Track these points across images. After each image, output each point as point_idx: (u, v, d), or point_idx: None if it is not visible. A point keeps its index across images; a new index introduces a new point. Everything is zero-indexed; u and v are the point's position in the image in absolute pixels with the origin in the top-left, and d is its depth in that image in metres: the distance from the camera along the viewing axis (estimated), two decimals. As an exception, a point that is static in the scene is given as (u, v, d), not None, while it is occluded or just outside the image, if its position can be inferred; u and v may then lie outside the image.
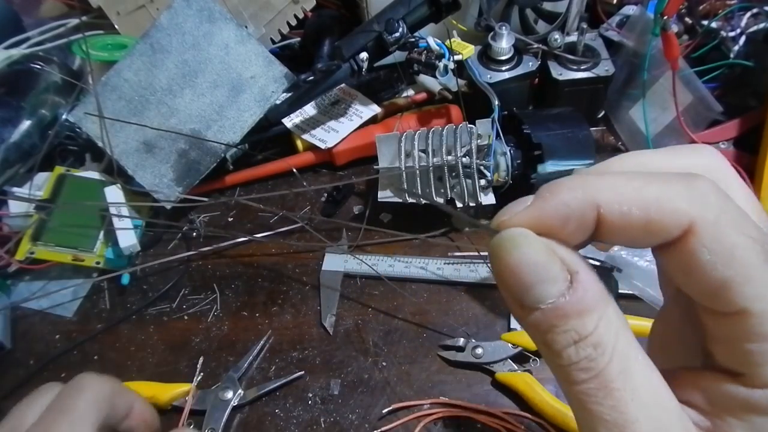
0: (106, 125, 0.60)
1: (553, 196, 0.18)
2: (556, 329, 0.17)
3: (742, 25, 0.64)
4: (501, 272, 0.18)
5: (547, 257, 0.18)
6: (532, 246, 0.18)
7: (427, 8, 0.60)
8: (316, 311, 0.57)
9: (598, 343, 0.17)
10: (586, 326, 0.17)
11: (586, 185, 0.18)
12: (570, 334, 0.17)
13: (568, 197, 0.18)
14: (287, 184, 0.69)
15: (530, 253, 0.18)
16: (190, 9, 0.61)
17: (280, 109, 0.64)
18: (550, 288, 0.17)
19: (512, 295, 0.18)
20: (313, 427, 0.50)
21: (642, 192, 0.18)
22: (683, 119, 0.59)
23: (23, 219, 0.61)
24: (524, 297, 0.18)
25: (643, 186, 0.18)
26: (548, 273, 0.17)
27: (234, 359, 0.54)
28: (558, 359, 0.18)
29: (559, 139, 0.56)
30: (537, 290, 0.17)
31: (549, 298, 0.17)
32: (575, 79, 0.63)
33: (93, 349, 0.56)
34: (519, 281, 0.18)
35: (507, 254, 0.18)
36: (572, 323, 0.17)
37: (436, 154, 0.57)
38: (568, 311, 0.17)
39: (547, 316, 0.17)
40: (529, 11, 0.68)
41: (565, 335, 0.17)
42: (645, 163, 0.21)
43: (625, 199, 0.18)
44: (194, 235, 0.64)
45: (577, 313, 0.17)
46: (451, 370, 0.52)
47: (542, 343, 0.18)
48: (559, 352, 0.17)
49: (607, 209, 0.18)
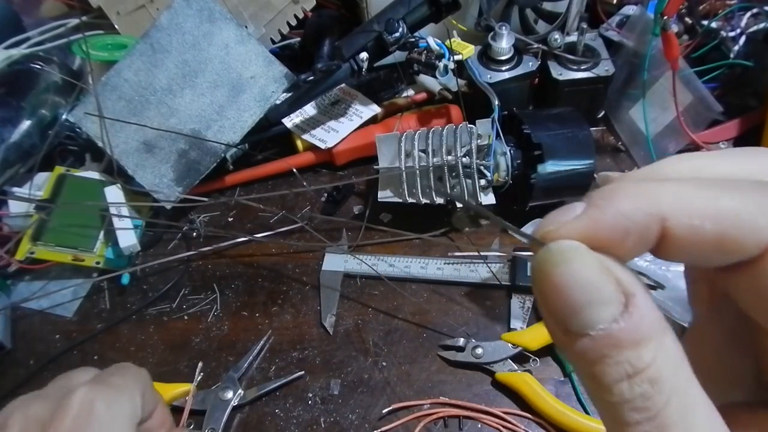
0: (106, 125, 0.60)
1: (609, 205, 0.16)
2: (607, 360, 0.15)
3: (742, 25, 0.64)
4: (545, 291, 0.16)
5: (600, 276, 0.15)
6: (585, 262, 0.16)
7: (427, 8, 0.60)
8: (316, 311, 0.57)
9: (655, 379, 0.15)
10: (643, 358, 0.15)
11: (649, 193, 0.16)
12: (623, 367, 0.15)
13: (628, 207, 0.16)
14: (287, 184, 0.69)
15: (582, 269, 0.15)
16: (190, 9, 0.61)
17: (280, 109, 0.64)
18: (602, 311, 0.15)
19: (557, 317, 0.16)
20: (313, 427, 0.50)
21: (717, 203, 0.15)
22: (683, 119, 0.59)
23: (23, 219, 0.61)
24: (571, 321, 0.15)
25: (717, 196, 0.15)
26: (601, 294, 0.15)
27: (234, 359, 0.54)
28: (607, 395, 0.15)
29: (559, 139, 0.56)
30: (587, 313, 0.15)
31: (600, 323, 0.15)
32: (575, 79, 0.63)
33: (93, 349, 0.56)
34: (566, 302, 0.15)
35: (554, 270, 0.16)
36: (626, 354, 0.15)
37: (436, 154, 0.57)
38: (622, 339, 0.15)
39: (597, 344, 0.15)
40: (529, 11, 0.68)
41: (618, 368, 0.15)
42: (702, 168, 0.18)
43: (696, 211, 0.15)
44: (194, 235, 0.64)
45: (632, 343, 0.15)
46: (451, 370, 0.52)
47: (589, 375, 0.16)
48: (609, 387, 0.15)
49: (675, 222, 0.15)
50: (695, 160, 0.18)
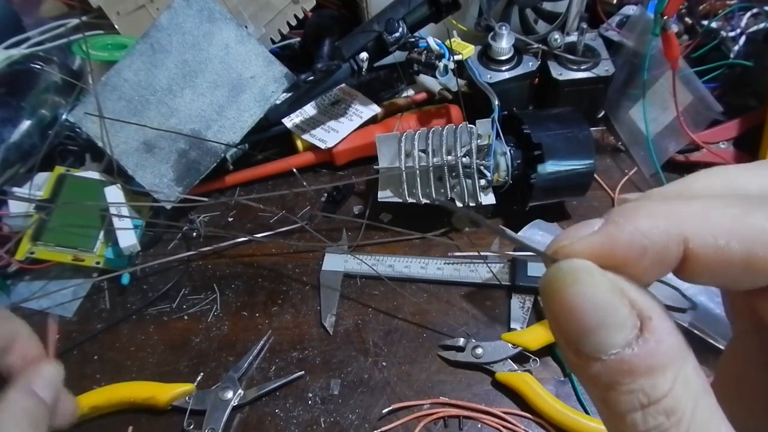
0: (106, 125, 0.60)
1: (627, 223, 0.15)
2: (620, 387, 0.14)
3: (742, 25, 0.64)
4: (556, 310, 0.15)
5: (613, 298, 0.15)
6: (597, 283, 0.15)
7: (427, 8, 0.60)
8: (316, 311, 0.57)
9: (672, 410, 0.14)
10: (658, 387, 0.14)
11: (671, 213, 0.15)
12: (636, 396, 0.14)
13: (647, 226, 0.15)
14: (287, 184, 0.69)
15: (593, 291, 0.15)
16: (190, 9, 0.61)
17: (280, 109, 0.64)
18: (614, 336, 0.14)
19: (567, 338, 0.15)
20: (313, 427, 0.50)
21: (744, 221, 0.14)
22: (683, 119, 0.59)
23: (23, 219, 0.61)
24: (582, 343, 0.15)
25: (744, 214, 0.15)
26: (614, 317, 0.14)
27: (234, 359, 0.54)
28: (620, 424, 0.14)
29: (559, 139, 0.56)
30: (598, 337, 0.14)
31: (613, 348, 0.14)
32: (575, 79, 0.63)
33: (93, 349, 0.56)
34: (577, 323, 0.15)
35: (564, 290, 0.15)
36: (640, 382, 0.14)
37: (436, 154, 0.57)
38: (636, 367, 0.14)
39: (610, 370, 0.14)
40: (529, 11, 0.68)
41: (631, 397, 0.14)
42: (734, 183, 0.17)
43: (722, 230, 0.15)
44: (194, 235, 0.64)
45: (647, 370, 0.14)
46: (451, 370, 0.52)
47: (601, 401, 0.15)
48: (621, 416, 0.14)
49: (699, 243, 0.15)
50: (727, 174, 0.17)
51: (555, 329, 0.15)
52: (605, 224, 0.15)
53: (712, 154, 0.62)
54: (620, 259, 0.15)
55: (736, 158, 0.61)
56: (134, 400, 0.50)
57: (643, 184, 0.64)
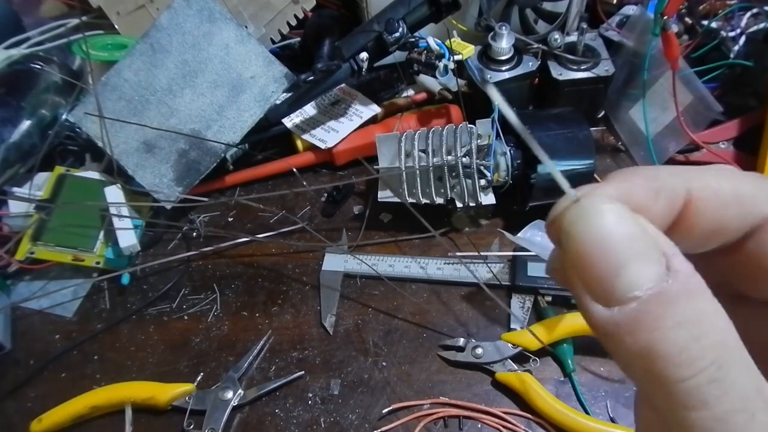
0: (106, 125, 0.60)
1: (637, 171, 0.16)
2: (667, 322, 0.13)
3: (742, 25, 0.64)
4: (580, 251, 0.14)
5: (638, 228, 0.14)
6: (624, 215, 0.14)
7: (427, 8, 0.60)
8: (316, 311, 0.57)
9: (724, 342, 0.13)
10: (705, 315, 0.13)
11: (673, 168, 0.16)
12: (687, 328, 0.13)
13: (656, 172, 0.16)
14: (287, 184, 0.69)
15: (618, 221, 0.14)
16: (190, 9, 0.61)
17: (280, 109, 0.64)
18: (648, 267, 0.13)
19: (595, 281, 0.14)
20: (313, 427, 0.50)
21: (732, 173, 0.16)
22: (683, 119, 0.59)
23: (23, 219, 0.61)
24: (613, 282, 0.13)
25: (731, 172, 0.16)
26: (642, 248, 0.13)
27: (234, 359, 0.54)
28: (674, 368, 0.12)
29: (559, 139, 0.56)
30: (630, 271, 0.13)
31: (648, 282, 0.13)
32: (575, 79, 0.63)
33: (93, 349, 0.56)
34: (605, 259, 0.13)
35: (588, 225, 0.14)
36: (686, 312, 0.13)
37: (436, 154, 0.57)
38: (676, 296, 0.13)
39: (650, 306, 0.13)
40: (529, 11, 0.68)
41: (682, 330, 0.13)
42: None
43: (714, 176, 0.16)
44: (194, 235, 0.64)
45: (688, 299, 0.13)
46: (451, 370, 0.52)
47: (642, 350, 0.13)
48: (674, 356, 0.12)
49: (698, 185, 0.16)
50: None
51: (579, 275, 0.14)
52: (619, 173, 0.16)
53: (712, 154, 0.62)
54: (637, 200, 0.15)
55: (736, 158, 0.61)
56: (134, 400, 0.50)
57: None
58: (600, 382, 0.50)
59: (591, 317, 0.14)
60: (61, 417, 0.49)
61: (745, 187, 0.16)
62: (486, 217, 0.63)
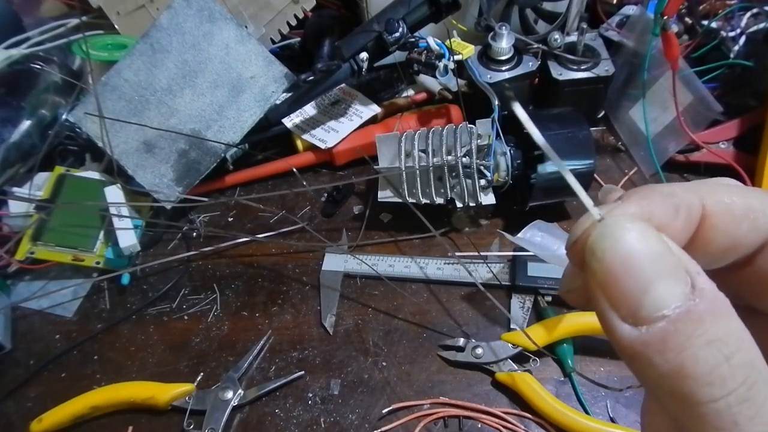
0: (106, 125, 0.60)
1: (652, 189, 0.16)
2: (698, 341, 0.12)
3: (742, 25, 0.64)
4: (606, 270, 0.14)
5: (664, 247, 0.14)
6: (646, 233, 0.14)
7: (427, 8, 0.60)
8: (316, 311, 0.57)
9: (752, 362, 0.13)
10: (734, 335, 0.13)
11: (686, 185, 0.17)
12: (718, 347, 0.12)
13: (671, 189, 0.16)
14: (287, 184, 0.69)
15: (644, 241, 0.14)
16: (190, 9, 0.61)
17: (280, 109, 0.64)
18: (675, 287, 0.13)
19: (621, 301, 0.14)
20: (313, 427, 0.50)
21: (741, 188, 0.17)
22: (683, 119, 0.59)
23: (23, 219, 0.61)
24: (641, 301, 0.13)
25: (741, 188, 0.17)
26: (669, 267, 0.13)
27: (234, 359, 0.54)
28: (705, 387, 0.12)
29: (559, 139, 0.56)
30: (657, 290, 0.13)
31: (675, 301, 0.13)
32: (575, 79, 0.63)
33: (93, 349, 0.56)
34: (631, 279, 0.13)
35: (613, 245, 0.14)
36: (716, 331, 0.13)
37: (436, 154, 0.57)
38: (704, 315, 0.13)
39: (679, 325, 0.13)
40: (529, 11, 0.68)
41: (712, 349, 0.12)
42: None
43: (726, 192, 0.16)
44: (194, 235, 0.64)
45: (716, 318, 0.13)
46: (451, 370, 0.52)
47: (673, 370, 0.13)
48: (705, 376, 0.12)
49: (712, 200, 0.16)
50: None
51: (605, 294, 0.14)
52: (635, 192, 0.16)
53: (712, 154, 0.62)
54: (659, 219, 0.15)
55: (736, 158, 0.61)
56: (134, 400, 0.50)
57: (643, 184, 0.64)
58: (600, 382, 0.50)
59: (618, 337, 0.14)
60: (61, 417, 0.49)
61: (755, 202, 0.16)
62: (486, 217, 0.63)
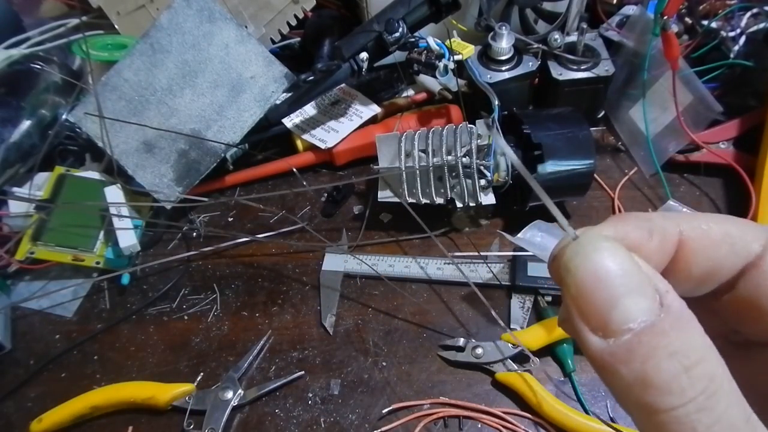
0: (106, 125, 0.60)
1: (629, 215, 0.17)
2: (660, 353, 0.13)
3: (742, 25, 0.64)
4: (578, 285, 0.15)
5: (633, 264, 0.15)
6: (619, 252, 0.15)
7: (427, 8, 0.60)
8: (316, 311, 0.57)
9: (712, 374, 0.13)
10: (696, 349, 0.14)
11: (664, 214, 0.18)
12: (679, 359, 0.13)
13: (649, 215, 0.17)
14: (287, 184, 0.69)
15: (613, 257, 0.15)
16: (190, 9, 0.61)
17: (280, 109, 0.64)
18: (642, 302, 0.14)
19: (592, 314, 0.14)
20: (313, 427, 0.50)
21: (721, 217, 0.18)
22: (683, 119, 0.59)
23: (23, 219, 0.61)
24: (609, 315, 0.14)
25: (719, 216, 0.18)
26: (640, 283, 0.14)
27: (234, 359, 0.54)
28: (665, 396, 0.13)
29: (559, 139, 0.55)
30: (625, 304, 0.14)
31: (642, 315, 0.14)
32: (575, 79, 0.63)
33: (93, 349, 0.56)
34: (601, 294, 0.14)
35: (591, 258, 0.15)
36: (679, 344, 0.13)
37: (436, 154, 0.57)
38: (668, 328, 0.14)
39: (643, 338, 0.14)
40: (529, 11, 0.68)
41: (673, 361, 0.13)
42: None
43: (704, 219, 0.17)
44: (194, 235, 0.64)
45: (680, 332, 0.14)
46: (451, 370, 0.52)
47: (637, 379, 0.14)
48: (666, 385, 0.13)
49: (688, 227, 0.17)
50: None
51: (577, 307, 0.15)
52: (613, 217, 0.17)
53: (712, 154, 0.62)
54: (632, 240, 0.16)
55: (736, 158, 0.61)
56: (134, 400, 0.50)
57: (643, 184, 0.64)
58: (600, 382, 0.50)
59: (588, 348, 0.15)
60: (61, 417, 0.49)
61: (733, 228, 0.17)
62: (486, 217, 0.63)
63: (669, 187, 0.62)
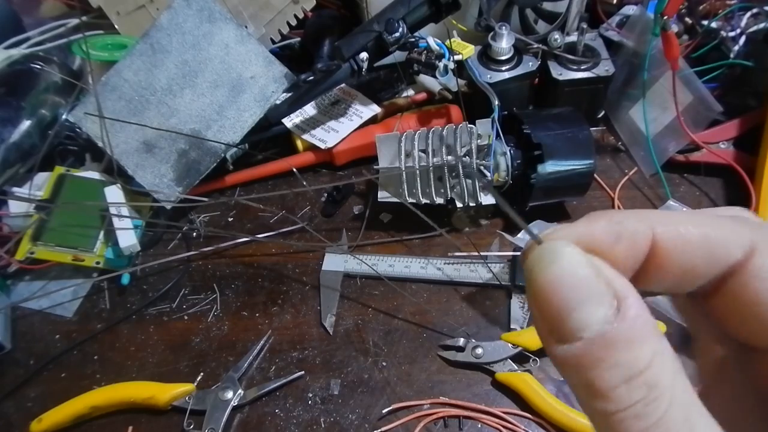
0: (106, 125, 0.60)
1: (604, 214, 0.17)
2: (603, 364, 0.14)
3: (742, 25, 0.64)
4: (538, 289, 0.15)
5: (591, 272, 0.15)
6: (577, 260, 0.15)
7: (427, 8, 0.60)
8: (316, 311, 0.57)
9: (654, 383, 0.14)
10: (640, 359, 0.14)
11: (639, 212, 0.17)
12: (620, 370, 0.14)
13: (620, 216, 0.17)
14: (287, 184, 0.69)
15: (574, 267, 0.15)
16: (190, 9, 0.61)
17: (280, 109, 0.64)
18: (594, 312, 0.15)
19: (549, 320, 0.15)
20: (313, 427, 0.50)
21: (696, 215, 0.17)
22: (683, 119, 0.59)
23: (23, 219, 0.61)
24: (564, 324, 0.15)
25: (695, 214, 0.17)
26: (594, 293, 0.15)
27: (234, 359, 0.54)
28: (605, 403, 0.14)
29: (559, 139, 0.56)
30: (580, 313, 0.15)
31: (594, 324, 0.14)
32: (575, 79, 0.63)
33: (93, 349, 0.56)
34: (559, 300, 0.15)
35: (547, 267, 0.15)
36: (623, 356, 0.14)
37: (436, 154, 0.57)
38: (617, 340, 0.14)
39: (592, 347, 0.14)
40: (529, 11, 0.68)
41: (615, 371, 0.14)
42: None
43: (681, 220, 0.17)
44: (194, 235, 0.64)
45: (628, 343, 0.14)
46: (451, 370, 0.52)
47: (584, 384, 0.15)
48: (606, 393, 0.14)
49: (663, 229, 0.16)
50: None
51: (537, 312, 0.16)
52: (584, 217, 0.17)
53: (712, 154, 0.62)
54: (598, 243, 0.16)
55: (736, 158, 0.61)
56: (134, 400, 0.50)
57: (643, 184, 0.64)
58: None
59: (547, 350, 0.16)
60: (61, 417, 0.49)
61: (714, 232, 0.16)
62: (486, 217, 0.63)
63: (669, 187, 0.62)
